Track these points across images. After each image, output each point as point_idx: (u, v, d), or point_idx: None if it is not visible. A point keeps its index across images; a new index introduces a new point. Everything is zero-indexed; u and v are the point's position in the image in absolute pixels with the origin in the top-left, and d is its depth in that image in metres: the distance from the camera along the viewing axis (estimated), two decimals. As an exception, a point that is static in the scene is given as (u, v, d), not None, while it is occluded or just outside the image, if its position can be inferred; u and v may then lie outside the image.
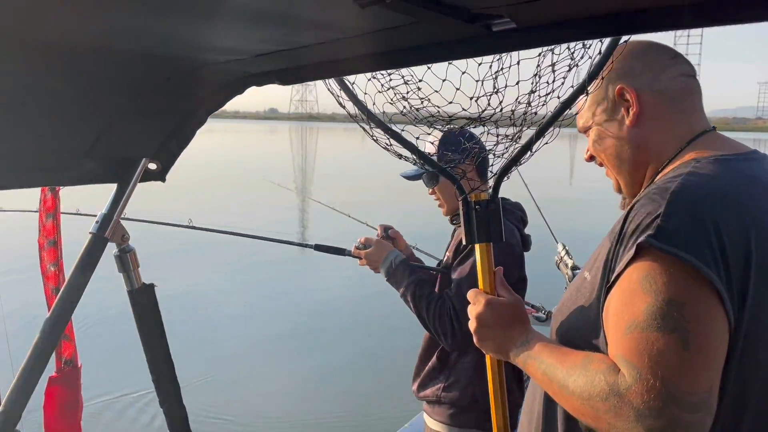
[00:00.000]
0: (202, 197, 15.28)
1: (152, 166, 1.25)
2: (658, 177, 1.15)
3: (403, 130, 1.26)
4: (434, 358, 2.13)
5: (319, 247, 2.31)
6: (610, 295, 1.01)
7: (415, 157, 1.30)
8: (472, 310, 1.22)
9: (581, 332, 1.09)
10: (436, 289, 2.12)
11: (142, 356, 1.31)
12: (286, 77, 1.06)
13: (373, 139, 1.25)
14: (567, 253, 2.73)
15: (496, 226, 1.23)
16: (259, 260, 9.08)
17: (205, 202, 14.38)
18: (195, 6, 0.72)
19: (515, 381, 2.15)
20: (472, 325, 1.22)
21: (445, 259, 2.21)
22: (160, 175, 1.28)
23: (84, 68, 0.91)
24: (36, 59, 0.83)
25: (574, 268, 2.60)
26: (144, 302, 1.30)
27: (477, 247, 1.25)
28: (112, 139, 1.13)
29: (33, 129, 1.02)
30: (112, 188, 1.24)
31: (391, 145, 1.26)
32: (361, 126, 1.24)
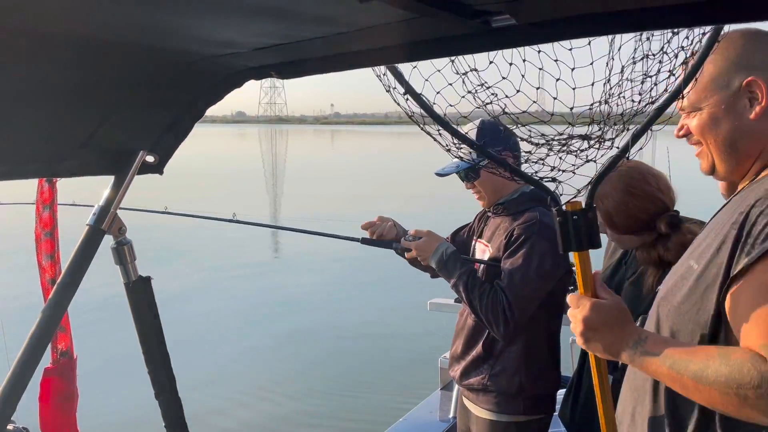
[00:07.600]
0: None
1: (150, 158, 1.25)
2: (765, 172, 1.20)
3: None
4: (479, 347, 2.16)
5: (366, 241, 2.25)
6: (739, 287, 1.06)
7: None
8: (577, 314, 1.22)
9: (689, 316, 1.16)
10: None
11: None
12: (285, 71, 1.06)
13: (428, 133, 1.23)
14: None
15: (595, 233, 1.25)
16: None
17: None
18: None
19: (553, 365, 2.20)
20: (578, 328, 1.22)
21: (489, 249, 2.21)
22: (157, 168, 1.28)
23: (82, 60, 0.90)
24: (33, 51, 0.83)
25: None
26: (140, 295, 1.30)
27: (576, 254, 1.26)
28: (109, 131, 1.13)
29: (30, 120, 1.02)
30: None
31: (448, 142, 1.25)
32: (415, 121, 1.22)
